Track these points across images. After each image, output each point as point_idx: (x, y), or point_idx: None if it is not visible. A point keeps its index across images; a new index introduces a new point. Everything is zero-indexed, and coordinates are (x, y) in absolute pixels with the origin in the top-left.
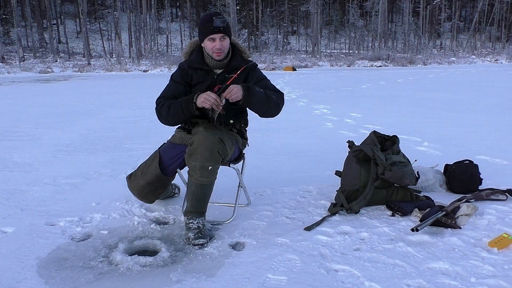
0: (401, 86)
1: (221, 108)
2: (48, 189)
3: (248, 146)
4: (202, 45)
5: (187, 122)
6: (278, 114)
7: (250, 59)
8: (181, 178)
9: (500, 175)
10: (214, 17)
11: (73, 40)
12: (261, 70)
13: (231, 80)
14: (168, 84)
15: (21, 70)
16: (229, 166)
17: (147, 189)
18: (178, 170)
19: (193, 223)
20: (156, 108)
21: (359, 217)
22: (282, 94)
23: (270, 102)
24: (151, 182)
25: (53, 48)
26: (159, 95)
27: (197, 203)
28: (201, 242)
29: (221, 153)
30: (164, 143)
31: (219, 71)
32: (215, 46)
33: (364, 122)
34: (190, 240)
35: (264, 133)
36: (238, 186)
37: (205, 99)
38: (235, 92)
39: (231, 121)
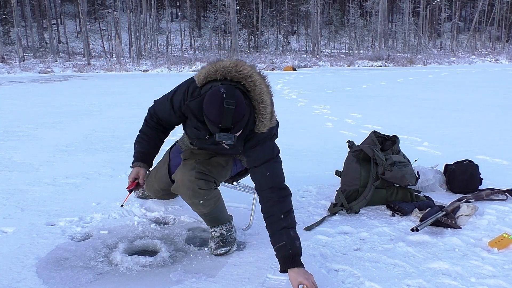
0: (401, 86)
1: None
2: (48, 189)
3: None
4: None
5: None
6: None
7: (272, 124)
8: None
9: (500, 175)
10: (217, 133)
11: (73, 40)
12: (273, 101)
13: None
14: (165, 99)
15: (21, 70)
16: (233, 184)
17: (162, 193)
18: None
19: (216, 231)
20: (145, 118)
21: (359, 217)
22: (287, 189)
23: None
24: (164, 188)
25: (53, 48)
26: (156, 99)
27: (212, 221)
28: (223, 252)
29: (205, 187)
30: (176, 141)
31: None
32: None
33: (364, 122)
34: (212, 250)
35: None
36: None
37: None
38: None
39: None
